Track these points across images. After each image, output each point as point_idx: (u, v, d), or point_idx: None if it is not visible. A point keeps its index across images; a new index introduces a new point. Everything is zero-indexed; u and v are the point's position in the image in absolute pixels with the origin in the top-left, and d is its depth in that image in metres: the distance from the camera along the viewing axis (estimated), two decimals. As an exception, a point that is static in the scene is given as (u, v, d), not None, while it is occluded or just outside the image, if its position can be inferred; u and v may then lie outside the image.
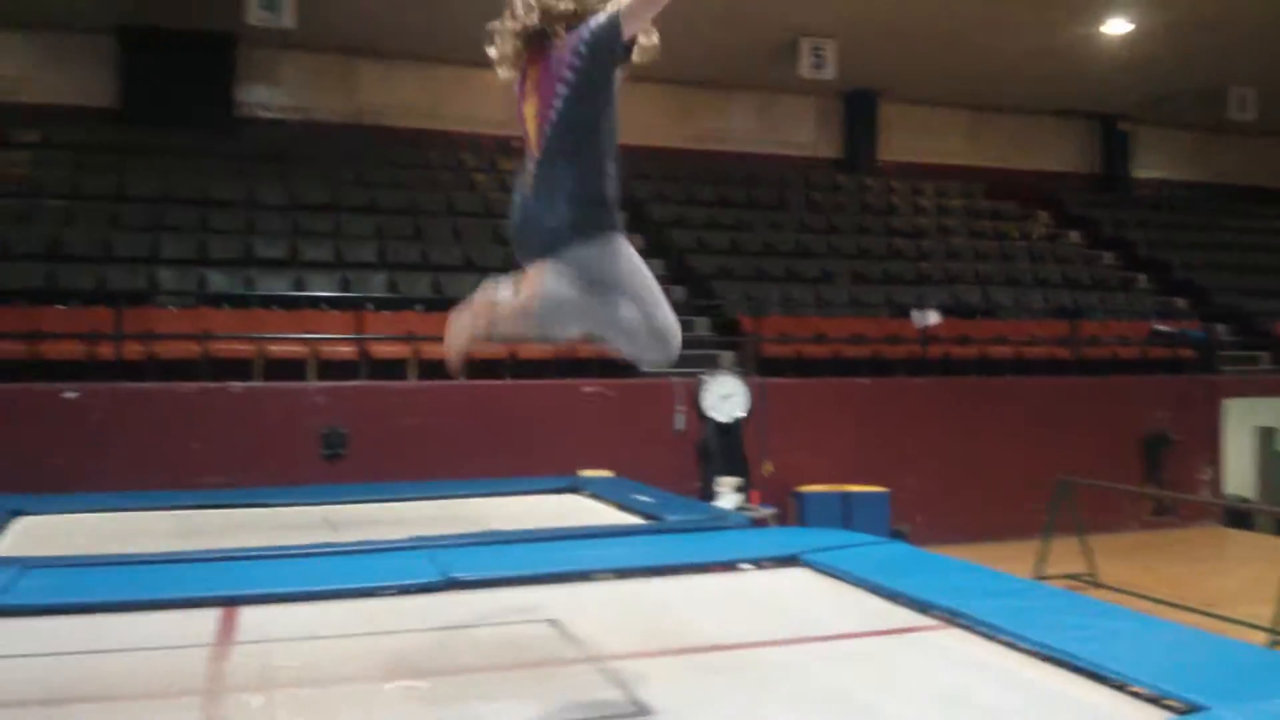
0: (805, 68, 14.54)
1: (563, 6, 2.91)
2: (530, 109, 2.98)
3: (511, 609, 3.79)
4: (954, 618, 3.53)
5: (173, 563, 4.58)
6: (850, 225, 15.10)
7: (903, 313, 12.46)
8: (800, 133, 16.86)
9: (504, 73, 3.02)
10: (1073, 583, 8.12)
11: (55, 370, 8.97)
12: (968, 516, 10.46)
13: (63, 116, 13.34)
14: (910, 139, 17.17)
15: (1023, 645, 3.18)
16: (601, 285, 2.92)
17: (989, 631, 3.33)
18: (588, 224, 2.89)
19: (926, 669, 3.06)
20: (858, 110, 16.81)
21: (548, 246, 2.89)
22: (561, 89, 2.89)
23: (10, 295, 9.96)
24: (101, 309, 9.57)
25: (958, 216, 16.32)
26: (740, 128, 16.47)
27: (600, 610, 3.78)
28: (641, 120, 15.85)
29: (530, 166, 2.98)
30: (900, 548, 4.82)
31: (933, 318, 11.42)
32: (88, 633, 3.48)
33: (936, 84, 16.14)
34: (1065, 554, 8.61)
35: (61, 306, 9.90)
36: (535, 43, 2.97)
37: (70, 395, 8.00)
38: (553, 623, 3.57)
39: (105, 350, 9.10)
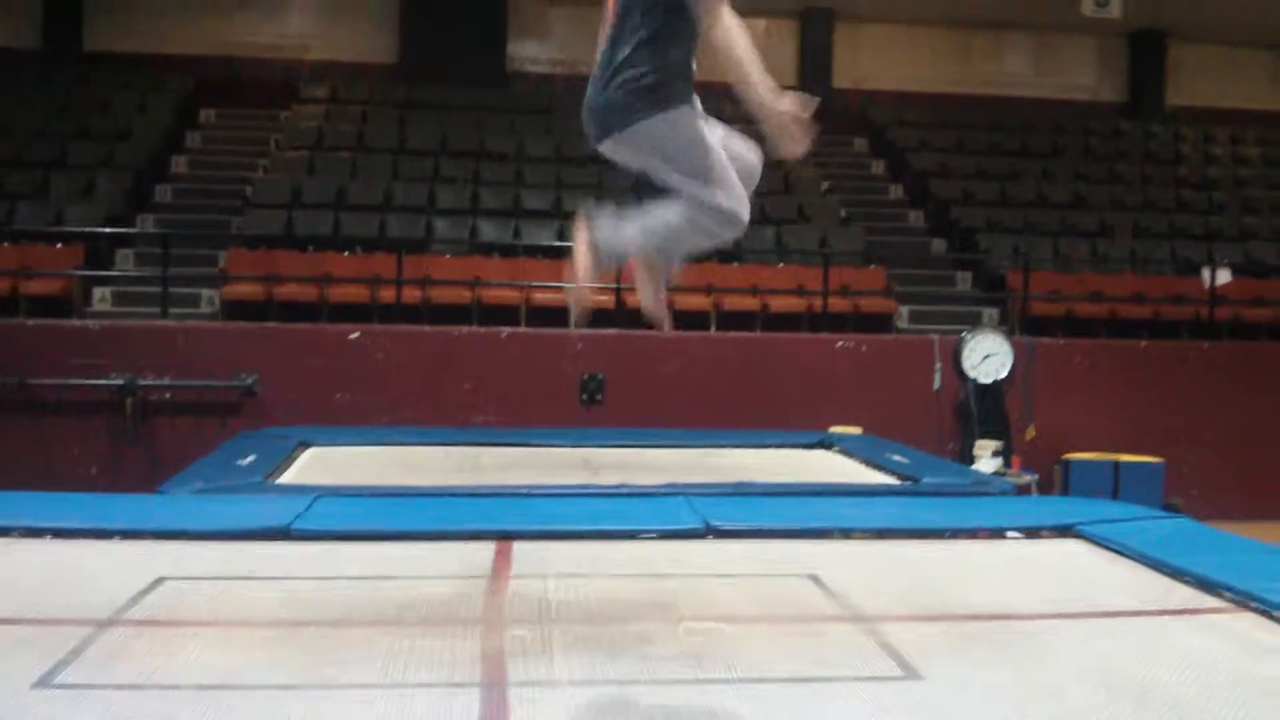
0: (1088, 5, 13.68)
1: None
2: None
3: (772, 561, 3.78)
4: (1246, 600, 3.25)
5: (450, 496, 4.84)
6: (1133, 175, 14.12)
7: (1189, 270, 11.57)
8: (1081, 76, 15.87)
9: None
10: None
11: (341, 312, 9.64)
12: (1251, 492, 9.65)
13: (348, 73, 14.23)
14: (1203, 82, 15.85)
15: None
16: (661, 161, 2.75)
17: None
18: (648, 97, 2.69)
19: (1214, 652, 2.84)
20: (1144, 51, 15.67)
21: (611, 124, 2.75)
22: None
23: (301, 242, 10.76)
24: (382, 255, 10.19)
25: (1255, 166, 14.96)
26: (1015, 71, 15.66)
27: (861, 569, 3.71)
28: (906, 63, 15.36)
29: (603, 36, 2.80)
30: (1184, 523, 4.49)
31: (1224, 276, 10.52)
32: (376, 560, 3.73)
33: (1235, 21, 14.79)
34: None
35: (346, 254, 10.61)
36: None
37: (354, 336, 8.55)
38: (814, 578, 3.54)
39: (386, 294, 9.69)
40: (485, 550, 3.83)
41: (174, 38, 13.93)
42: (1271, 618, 3.13)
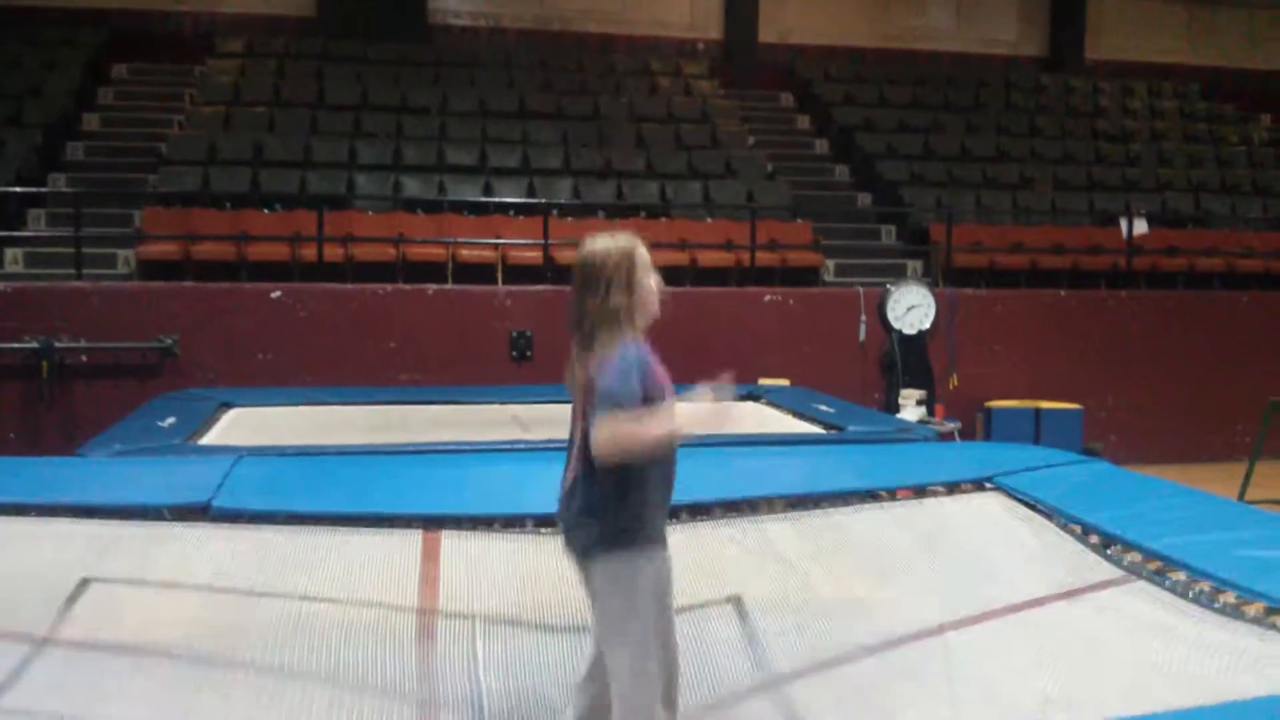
0: (1009, -40, 13.73)
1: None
2: (576, 399, 2.74)
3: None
4: (1154, 556, 3.33)
5: (376, 454, 4.79)
6: (1053, 128, 14.33)
7: (1107, 222, 11.80)
8: (1001, 30, 16.01)
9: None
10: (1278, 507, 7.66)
11: (261, 271, 9.45)
12: (1167, 436, 9.96)
13: (264, 27, 13.86)
14: (1122, 36, 16.10)
15: (1224, 588, 2.99)
16: (600, 613, 2.68)
17: (1191, 573, 3.14)
18: (615, 536, 2.63)
19: (1125, 615, 2.91)
20: (1064, 6, 15.84)
21: (570, 545, 2.72)
22: (590, 411, 2.62)
23: (219, 199, 10.51)
24: (303, 213, 10.00)
25: (1171, 119, 15.27)
26: (937, 25, 15.75)
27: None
28: (830, 19, 15.37)
29: (570, 450, 2.77)
30: (1101, 468, 4.60)
31: (1141, 227, 10.76)
32: (302, 546, 3.64)
33: (1153, -25, 15.01)
34: (1272, 477, 8.12)
35: (266, 211, 10.39)
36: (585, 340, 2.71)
37: (275, 295, 8.40)
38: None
39: (307, 252, 9.52)
40: (412, 539, 3.73)
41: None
42: (1163, 587, 3.20)
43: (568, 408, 2.72)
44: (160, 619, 3.12)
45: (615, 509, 2.61)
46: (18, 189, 10.11)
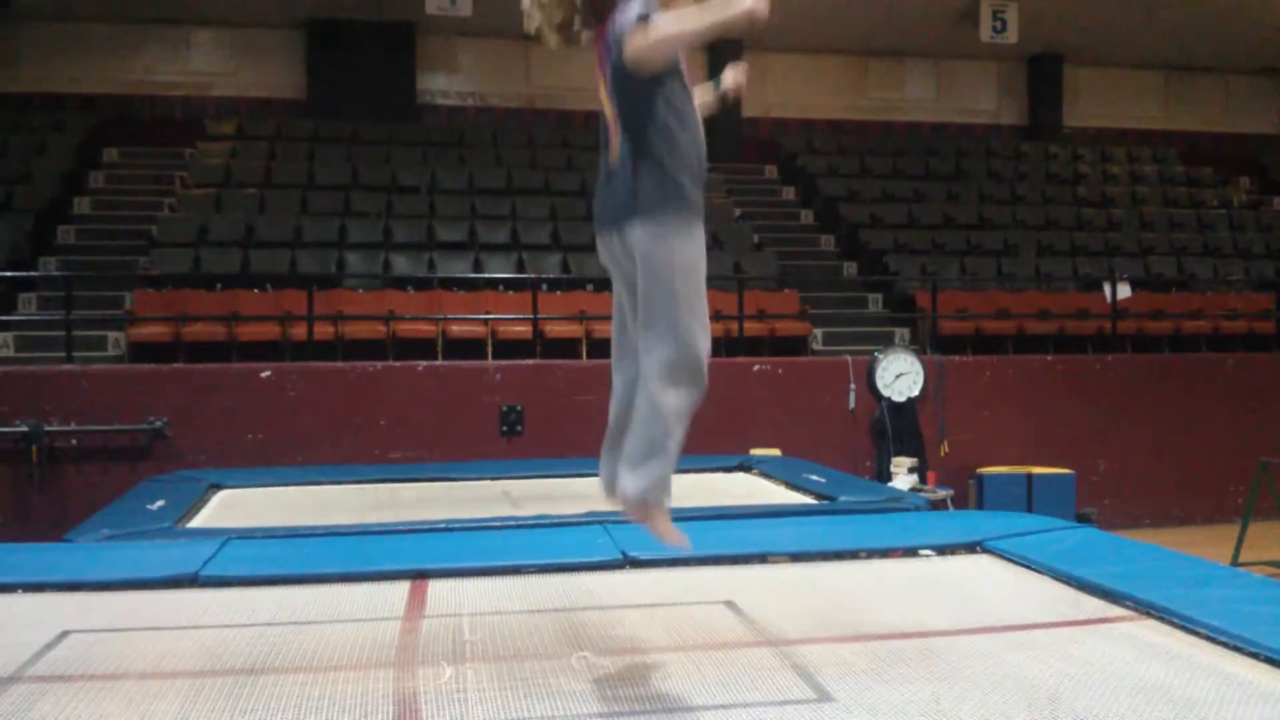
0: (985, 32, 14.04)
1: None
2: (600, 79, 2.85)
3: (687, 588, 3.80)
4: (1148, 609, 3.35)
5: (365, 535, 4.78)
6: (1035, 195, 14.53)
7: (1091, 286, 11.92)
8: (980, 100, 16.30)
9: (553, 41, 2.83)
10: (1274, 570, 7.63)
11: (251, 351, 9.49)
12: (1159, 500, 9.96)
13: (254, 109, 14.06)
14: (1098, 103, 16.40)
15: (1221, 638, 3.00)
16: (646, 274, 2.75)
17: (1185, 623, 3.16)
18: (653, 202, 2.71)
19: (1119, 660, 2.92)
20: (1042, 75, 16.15)
21: (614, 221, 2.80)
22: (608, 70, 2.76)
23: (210, 280, 10.58)
24: (293, 292, 10.06)
25: (1151, 184, 15.50)
26: (916, 97, 16.03)
27: (777, 593, 3.75)
28: (812, 92, 15.64)
29: (606, 140, 2.87)
30: (1090, 533, 4.61)
31: (1125, 290, 10.87)
32: (287, 604, 3.66)
33: (1127, 44, 15.36)
34: (1265, 539, 8.11)
35: (256, 290, 10.45)
36: (594, 6, 2.77)
37: (265, 375, 8.42)
38: (730, 604, 3.56)
39: (298, 331, 9.56)
40: (399, 590, 3.79)
41: (71, 78, 13.65)
42: (1169, 623, 3.23)
43: (556, 483, 2.76)
44: (136, 653, 3.11)
45: (657, 177, 2.69)
46: (8, 273, 10.17)
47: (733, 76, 3.14)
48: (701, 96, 2.98)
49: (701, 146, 2.81)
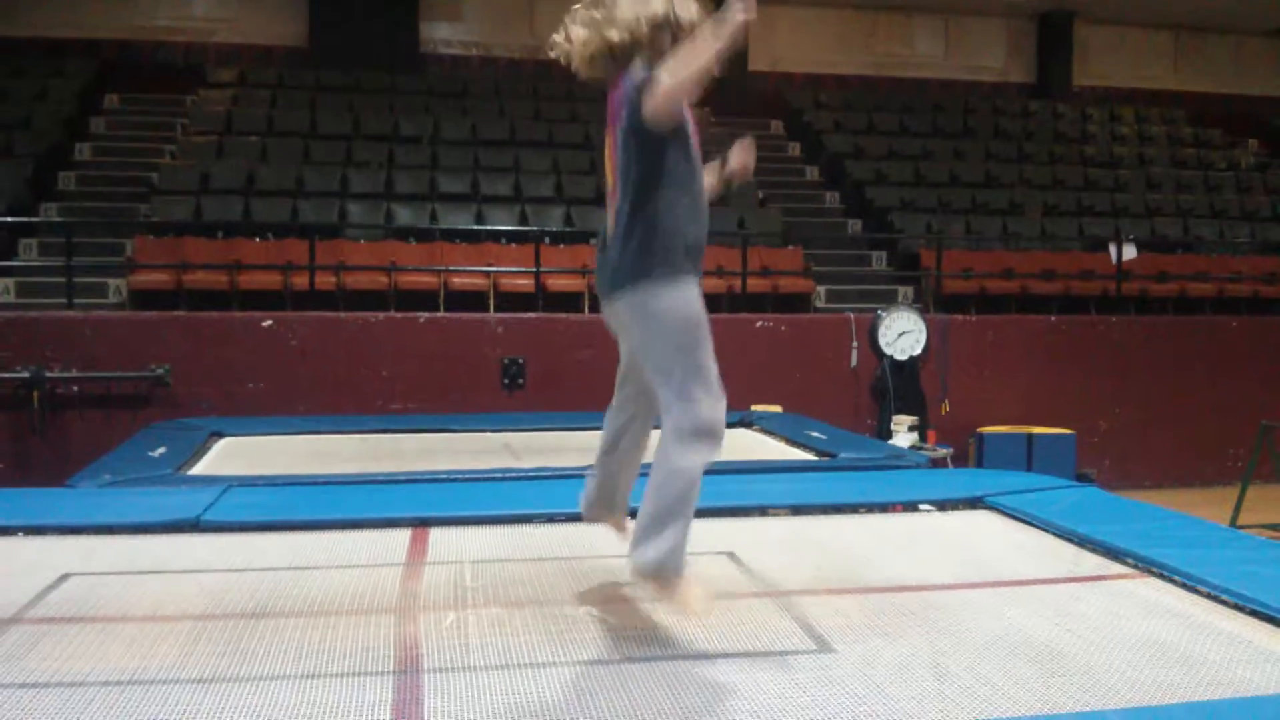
0: (996, -13, 13.87)
1: (613, 36, 2.70)
2: (608, 137, 2.81)
3: (690, 540, 3.80)
4: (1149, 566, 3.36)
5: (366, 484, 4.78)
6: (1042, 154, 14.43)
7: (1096, 247, 11.86)
8: (989, 57, 16.15)
9: (583, 72, 2.81)
10: (1273, 532, 7.66)
11: (253, 300, 9.46)
12: (1160, 461, 9.98)
13: (256, 57, 13.94)
14: (1108, 63, 16.25)
15: (1219, 595, 3.01)
16: (642, 342, 2.76)
17: (1186, 581, 3.16)
18: (640, 269, 2.69)
19: (1119, 617, 2.93)
20: (1052, 32, 15.99)
21: (608, 290, 2.79)
22: (618, 129, 2.71)
23: (211, 228, 10.53)
24: (295, 241, 10.02)
25: (1158, 145, 15.39)
26: (924, 53, 15.88)
27: (777, 546, 3.75)
28: (819, 46, 15.49)
29: (608, 199, 2.83)
30: (1091, 492, 4.61)
31: (1130, 252, 10.81)
32: (288, 549, 3.67)
33: (1139, 2, 15.15)
34: (1263, 502, 8.13)
35: (258, 240, 10.41)
36: (612, 63, 2.76)
37: (267, 324, 8.40)
38: (731, 555, 3.57)
39: (299, 281, 9.52)
40: (401, 537, 3.80)
41: (72, 23, 13.51)
42: (1168, 580, 3.24)
43: (558, 436, 2.75)
44: (137, 596, 3.13)
45: (648, 243, 2.68)
46: (9, 219, 10.11)
47: (739, 157, 3.06)
48: (708, 177, 2.92)
49: (703, 213, 2.78)
